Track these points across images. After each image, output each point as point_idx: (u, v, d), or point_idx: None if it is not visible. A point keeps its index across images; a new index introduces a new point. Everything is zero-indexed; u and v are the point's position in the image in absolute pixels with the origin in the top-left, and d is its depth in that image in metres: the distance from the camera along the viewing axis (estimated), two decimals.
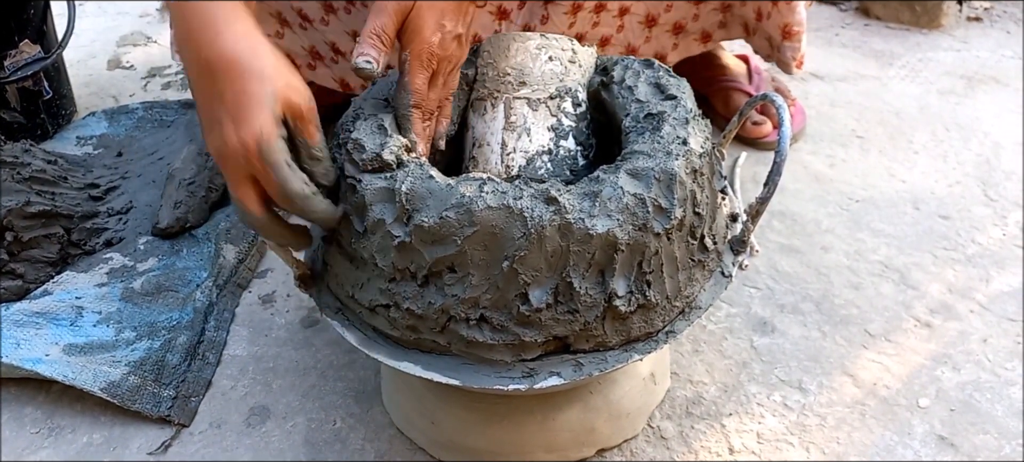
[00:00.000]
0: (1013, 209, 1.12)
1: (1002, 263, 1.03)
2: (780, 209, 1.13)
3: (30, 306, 0.97)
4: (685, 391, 0.89)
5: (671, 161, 0.65)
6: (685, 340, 0.94)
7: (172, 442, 0.86)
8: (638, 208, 0.63)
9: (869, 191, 1.16)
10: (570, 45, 0.78)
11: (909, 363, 0.91)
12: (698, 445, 0.84)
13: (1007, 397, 0.87)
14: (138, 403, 0.88)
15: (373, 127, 0.69)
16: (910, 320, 0.96)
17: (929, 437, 0.83)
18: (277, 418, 0.88)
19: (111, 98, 1.50)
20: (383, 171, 0.66)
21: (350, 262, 0.70)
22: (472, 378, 0.66)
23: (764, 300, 1.00)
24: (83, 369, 0.89)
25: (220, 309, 1.00)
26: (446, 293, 0.64)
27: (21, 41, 1.27)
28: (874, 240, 1.08)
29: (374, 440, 0.85)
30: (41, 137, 1.33)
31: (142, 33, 1.73)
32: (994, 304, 0.98)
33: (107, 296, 0.99)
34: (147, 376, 0.90)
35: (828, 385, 0.89)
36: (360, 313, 0.70)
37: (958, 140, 1.26)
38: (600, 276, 0.64)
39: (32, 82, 1.29)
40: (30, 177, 1.06)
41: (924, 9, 1.57)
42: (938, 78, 1.43)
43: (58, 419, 0.89)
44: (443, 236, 0.62)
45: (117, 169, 1.23)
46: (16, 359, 0.89)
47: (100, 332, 0.95)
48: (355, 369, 0.93)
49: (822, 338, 0.94)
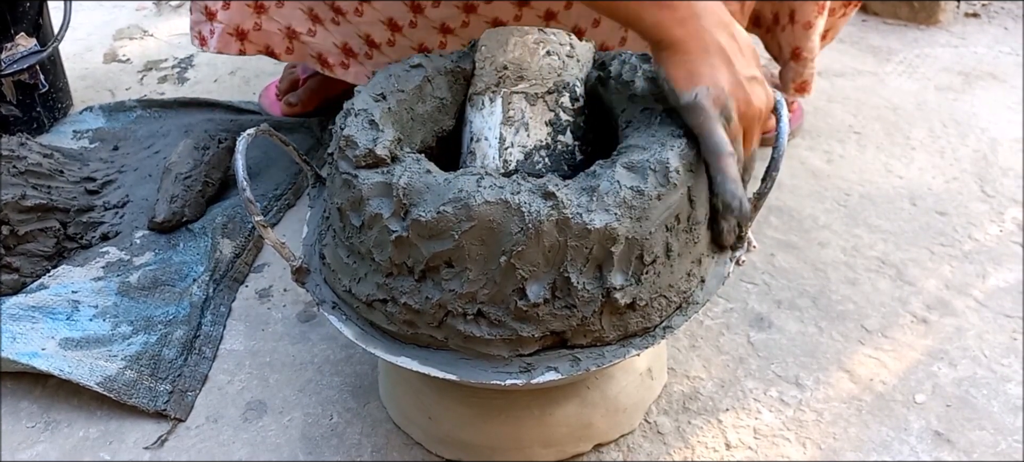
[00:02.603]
0: (1010, 205, 1.12)
1: (999, 259, 1.04)
2: (777, 205, 1.13)
3: (26, 300, 0.96)
4: (682, 386, 0.89)
5: (667, 154, 0.65)
6: (682, 335, 0.94)
7: (168, 436, 0.86)
8: (635, 202, 0.63)
9: (866, 187, 1.16)
10: (568, 40, 0.78)
11: (905, 359, 0.91)
12: (695, 440, 0.84)
13: (1003, 393, 0.87)
14: (134, 397, 0.87)
15: (364, 123, 0.69)
16: (907, 316, 0.97)
17: (925, 433, 0.83)
18: (274, 413, 0.88)
19: (107, 92, 1.49)
20: (377, 166, 0.66)
21: (347, 257, 0.69)
22: (469, 373, 0.66)
23: (761, 296, 1.00)
24: (79, 363, 0.89)
25: (217, 304, 0.99)
26: (443, 288, 0.64)
27: (17, 34, 1.26)
28: (871, 236, 1.08)
29: (371, 435, 0.85)
30: (37, 130, 1.33)
31: (138, 26, 1.72)
32: (991, 300, 0.98)
33: (103, 290, 0.99)
34: (143, 370, 0.90)
35: (825, 381, 0.89)
36: (357, 308, 0.70)
37: (955, 136, 1.26)
38: (598, 271, 0.64)
39: (28, 75, 1.29)
40: (26, 170, 1.05)
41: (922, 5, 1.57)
42: (936, 74, 1.43)
43: (54, 413, 0.89)
44: (440, 231, 0.62)
45: (113, 163, 1.23)
46: (12, 353, 0.89)
47: (96, 326, 0.95)
48: (352, 364, 0.93)
49: (819, 334, 0.95)
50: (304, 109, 1.32)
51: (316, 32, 1.10)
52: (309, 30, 1.09)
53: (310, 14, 1.08)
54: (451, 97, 0.79)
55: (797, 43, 1.03)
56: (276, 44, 1.11)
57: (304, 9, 1.08)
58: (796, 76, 1.06)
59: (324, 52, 1.11)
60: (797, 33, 1.03)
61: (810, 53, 1.03)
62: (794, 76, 1.06)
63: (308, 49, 1.11)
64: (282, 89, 1.35)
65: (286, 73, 1.35)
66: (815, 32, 1.02)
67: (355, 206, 0.67)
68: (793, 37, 1.04)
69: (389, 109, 0.73)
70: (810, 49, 1.03)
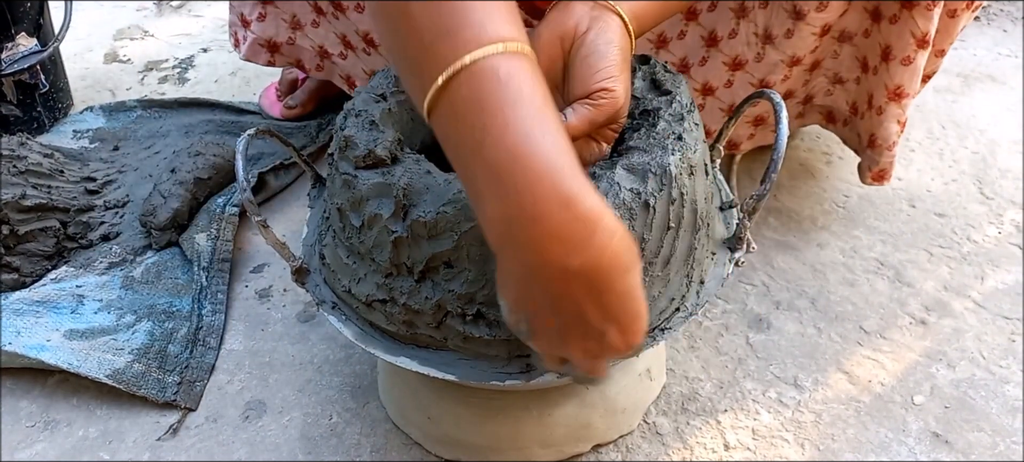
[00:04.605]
0: (1009, 207, 1.12)
1: (997, 261, 1.04)
2: (776, 206, 1.13)
3: (30, 295, 0.97)
4: (681, 387, 0.89)
5: (666, 156, 0.66)
6: (681, 336, 0.94)
7: (179, 426, 0.86)
8: (634, 203, 0.63)
9: (865, 189, 1.16)
10: None
11: (904, 360, 0.91)
12: (693, 441, 0.84)
13: (1002, 394, 0.87)
14: (143, 389, 0.88)
15: (365, 123, 0.69)
16: (905, 317, 0.97)
17: (924, 434, 0.84)
18: (273, 413, 0.88)
19: (108, 92, 1.49)
20: (377, 166, 0.66)
21: (347, 257, 0.70)
22: (469, 374, 0.66)
23: (760, 297, 1.00)
24: (87, 357, 0.89)
25: (213, 292, 1.00)
26: (443, 288, 0.64)
27: (18, 34, 1.27)
28: (870, 237, 1.08)
29: (370, 435, 0.86)
30: (37, 130, 1.33)
31: (139, 27, 1.72)
32: (989, 301, 0.98)
33: (108, 285, 1.00)
34: (151, 364, 0.90)
35: (823, 382, 0.89)
36: (357, 308, 0.70)
37: (954, 138, 1.26)
38: None
39: (28, 75, 1.29)
40: (26, 170, 1.05)
41: None
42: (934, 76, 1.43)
43: (54, 413, 0.89)
44: (440, 231, 0.62)
45: (114, 163, 1.23)
46: (19, 347, 0.89)
47: (101, 319, 0.96)
48: (351, 364, 0.93)
49: (817, 335, 0.95)
50: (303, 111, 1.33)
51: (319, 24, 1.13)
52: (313, 21, 1.13)
53: (314, 7, 1.11)
54: None
55: (872, 131, 0.98)
56: (307, 60, 1.17)
57: (337, 34, 1.12)
58: (872, 164, 1.00)
59: (325, 44, 1.14)
60: (872, 120, 0.98)
61: (886, 142, 0.97)
62: (871, 164, 1.00)
63: (337, 70, 1.17)
64: (282, 90, 1.35)
65: (285, 75, 1.36)
66: (892, 120, 0.96)
67: (355, 206, 0.67)
68: (869, 125, 0.98)
69: (389, 110, 0.73)
70: (885, 137, 0.97)
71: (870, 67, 0.95)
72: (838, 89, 1.02)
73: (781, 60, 0.95)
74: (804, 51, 0.94)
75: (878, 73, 0.94)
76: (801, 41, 0.93)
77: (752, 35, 0.96)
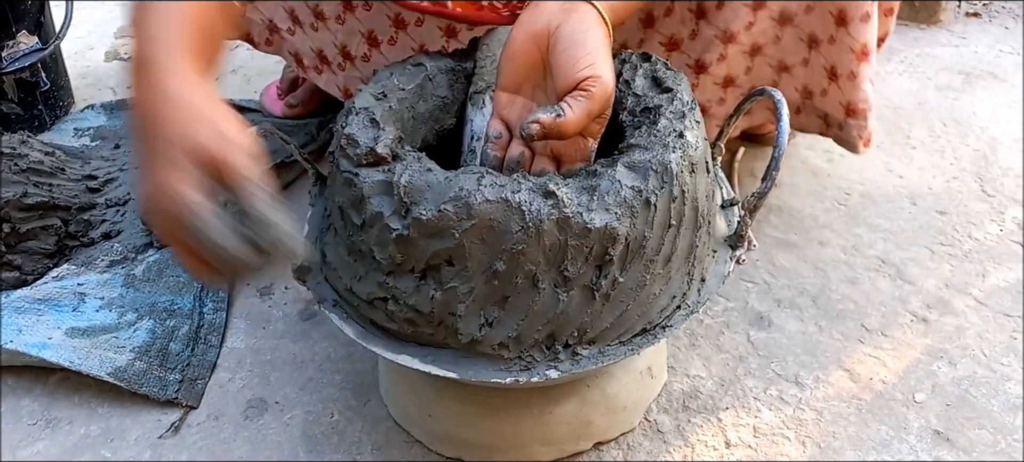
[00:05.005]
0: (1010, 205, 1.12)
1: (998, 258, 1.04)
2: (777, 204, 1.13)
3: (31, 293, 0.97)
4: (682, 385, 0.89)
5: (668, 154, 0.65)
6: (682, 334, 0.94)
7: (181, 424, 0.87)
8: (635, 201, 0.63)
9: (866, 186, 1.16)
10: None
11: (905, 358, 0.91)
12: (695, 439, 0.84)
13: (1003, 392, 0.87)
14: (145, 387, 0.88)
15: (365, 121, 0.69)
16: (906, 315, 0.97)
17: (925, 432, 0.84)
18: (275, 411, 0.88)
19: (109, 90, 1.49)
20: (378, 164, 0.66)
21: (348, 255, 0.70)
22: (470, 371, 0.67)
23: (761, 294, 1.00)
24: (88, 355, 0.90)
25: (214, 289, 1.00)
26: (444, 286, 0.64)
27: (19, 32, 1.27)
28: (871, 235, 1.08)
29: (371, 433, 0.86)
30: (38, 128, 1.33)
31: None
32: (990, 299, 0.98)
33: (109, 283, 1.00)
34: (152, 362, 0.91)
35: (824, 380, 0.89)
36: (358, 306, 0.70)
37: (956, 136, 1.26)
38: (598, 270, 0.64)
39: (29, 73, 1.29)
40: (27, 168, 1.05)
41: (923, 4, 1.57)
42: (936, 73, 1.43)
43: (55, 411, 0.89)
44: (441, 229, 0.62)
45: (115, 161, 1.23)
46: (20, 345, 0.89)
47: (103, 317, 0.96)
48: (353, 362, 0.93)
49: (819, 333, 0.95)
50: (305, 109, 1.32)
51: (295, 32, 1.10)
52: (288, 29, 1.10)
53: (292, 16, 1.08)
54: (452, 96, 0.79)
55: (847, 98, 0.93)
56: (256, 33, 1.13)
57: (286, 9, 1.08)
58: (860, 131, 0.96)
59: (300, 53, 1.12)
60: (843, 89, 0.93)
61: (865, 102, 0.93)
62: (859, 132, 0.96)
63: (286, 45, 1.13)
64: (283, 89, 1.35)
65: (286, 73, 1.35)
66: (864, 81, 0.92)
67: (356, 204, 0.67)
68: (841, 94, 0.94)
69: (390, 108, 0.73)
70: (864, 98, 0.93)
71: (820, 41, 0.92)
72: (784, 77, 0.97)
73: (715, 35, 0.92)
74: (738, 26, 0.91)
75: (836, 41, 0.90)
76: (734, 13, 0.90)
77: (687, 11, 0.93)
